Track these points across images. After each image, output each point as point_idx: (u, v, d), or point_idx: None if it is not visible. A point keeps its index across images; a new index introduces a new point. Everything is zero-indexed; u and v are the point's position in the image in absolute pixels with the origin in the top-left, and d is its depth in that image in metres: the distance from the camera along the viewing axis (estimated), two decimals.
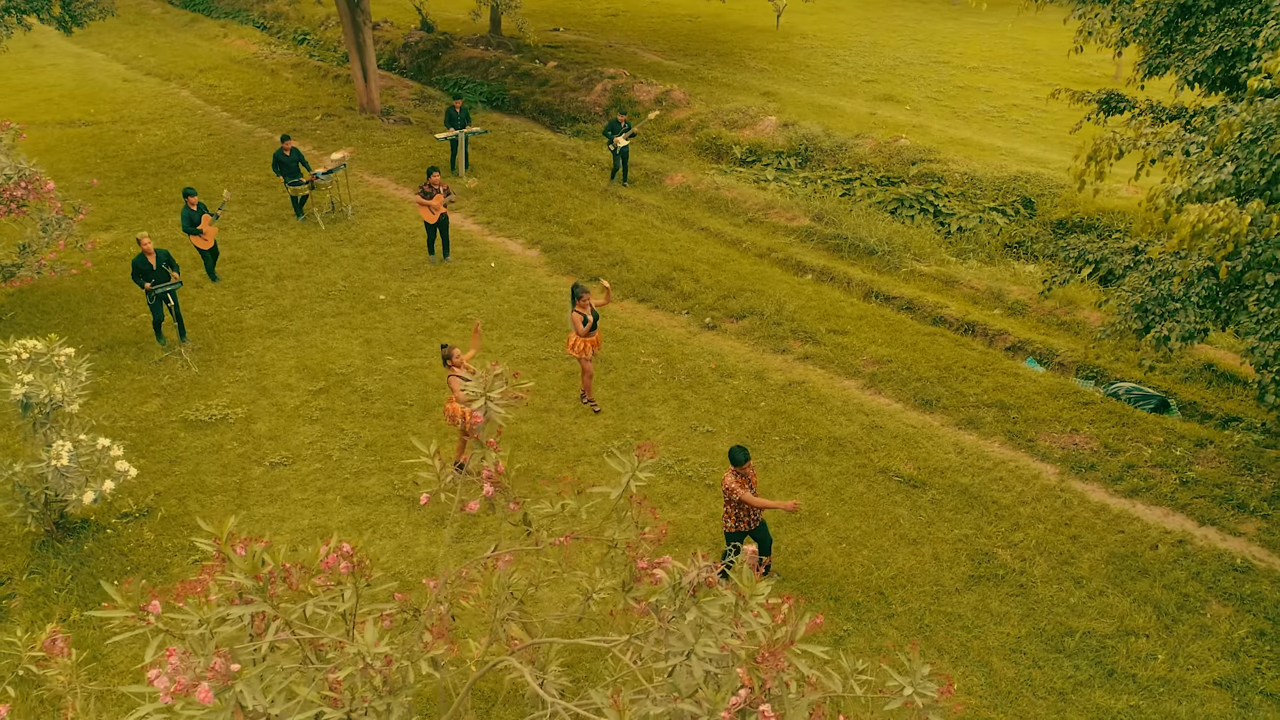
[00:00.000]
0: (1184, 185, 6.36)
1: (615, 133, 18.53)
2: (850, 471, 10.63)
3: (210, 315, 14.19)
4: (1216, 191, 6.12)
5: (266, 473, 10.73)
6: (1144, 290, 8.45)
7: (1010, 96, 25.32)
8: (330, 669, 2.87)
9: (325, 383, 12.42)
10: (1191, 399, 11.96)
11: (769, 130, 21.52)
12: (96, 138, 22.28)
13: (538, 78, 26.98)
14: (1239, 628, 8.51)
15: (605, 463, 10.71)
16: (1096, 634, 8.48)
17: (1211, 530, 9.74)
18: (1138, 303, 8.41)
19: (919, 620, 8.66)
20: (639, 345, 13.27)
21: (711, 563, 3.60)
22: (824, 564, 9.30)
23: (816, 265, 15.65)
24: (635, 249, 16.13)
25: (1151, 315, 8.31)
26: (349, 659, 2.88)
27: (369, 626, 3.13)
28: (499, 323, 13.92)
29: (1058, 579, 9.12)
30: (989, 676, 8.09)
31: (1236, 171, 6.08)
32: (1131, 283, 8.71)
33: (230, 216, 17.72)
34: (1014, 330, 13.64)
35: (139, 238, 12.61)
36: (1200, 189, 6.17)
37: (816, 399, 11.99)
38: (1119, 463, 10.69)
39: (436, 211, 15.30)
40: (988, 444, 11.15)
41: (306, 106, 24.52)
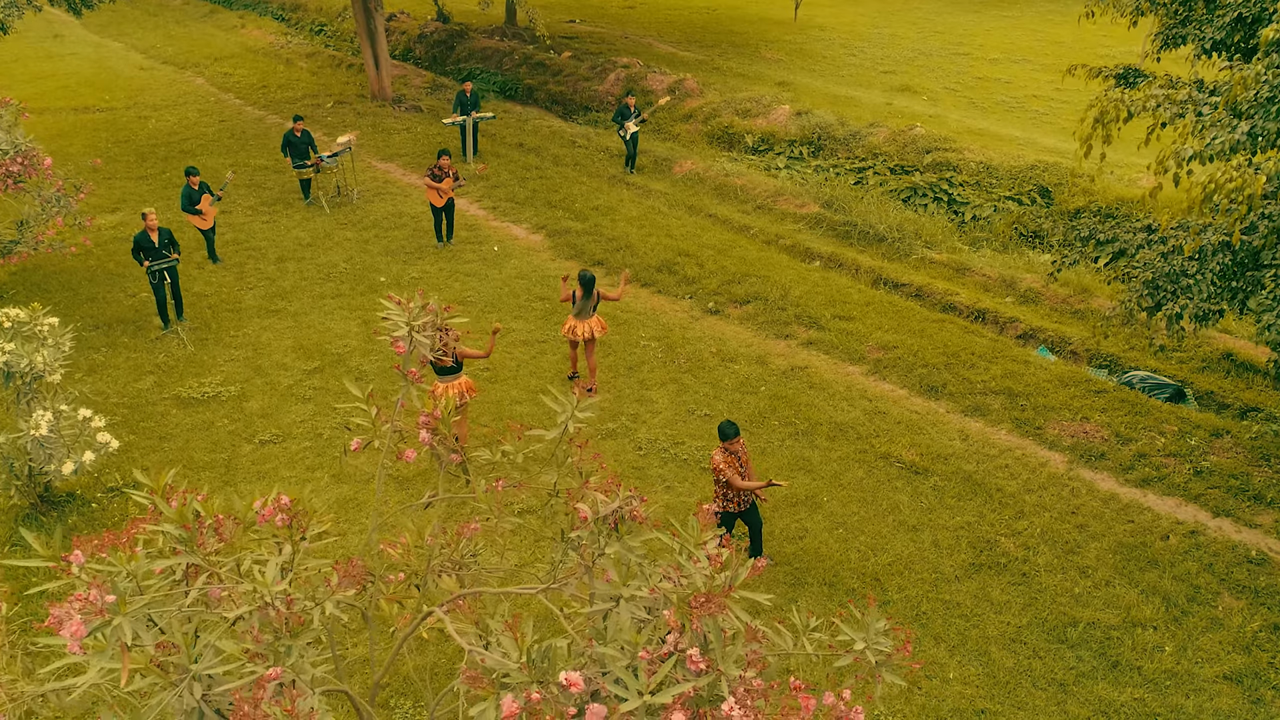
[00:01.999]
0: (1196, 147, 6.03)
1: (625, 118, 18.30)
2: (850, 457, 10.33)
3: (210, 295, 14.09)
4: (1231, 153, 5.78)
5: (255, 450, 10.58)
6: (1155, 266, 8.09)
7: (1030, 88, 24.85)
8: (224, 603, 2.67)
9: (320, 362, 12.27)
10: (1208, 388, 11.55)
11: (782, 119, 21.21)
12: (110, 123, 22.34)
13: (551, 68, 26.80)
14: (1252, 621, 8.14)
15: (599, 446, 10.48)
16: (1101, 625, 8.13)
17: (1226, 521, 9.35)
18: (1148, 279, 8.04)
19: (915, 608, 8.35)
20: (639, 329, 13.02)
21: (639, 495, 3.34)
22: (819, 549, 9.01)
23: (825, 252, 15.34)
24: (640, 234, 15.88)
25: (1163, 292, 7.93)
26: (247, 597, 2.67)
27: (270, 564, 2.91)
28: (499, 306, 13.72)
29: (1062, 568, 8.77)
30: (987, 666, 7.77)
31: (1252, 131, 5.74)
32: (1142, 259, 8.34)
33: (237, 200, 17.66)
34: (1026, 318, 13.26)
35: (144, 212, 12.52)
36: (1213, 150, 5.84)
37: (819, 384, 11.69)
38: (1130, 452, 10.32)
39: (445, 195, 15.13)
40: (994, 431, 10.81)
41: (319, 94, 24.49)
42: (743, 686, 2.62)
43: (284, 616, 2.74)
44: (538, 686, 2.32)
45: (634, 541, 3.07)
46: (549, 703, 2.31)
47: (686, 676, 2.60)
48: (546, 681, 2.34)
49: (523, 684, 2.36)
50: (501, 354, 12.46)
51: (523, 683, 2.36)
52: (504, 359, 12.32)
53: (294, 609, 2.78)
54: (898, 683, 3.10)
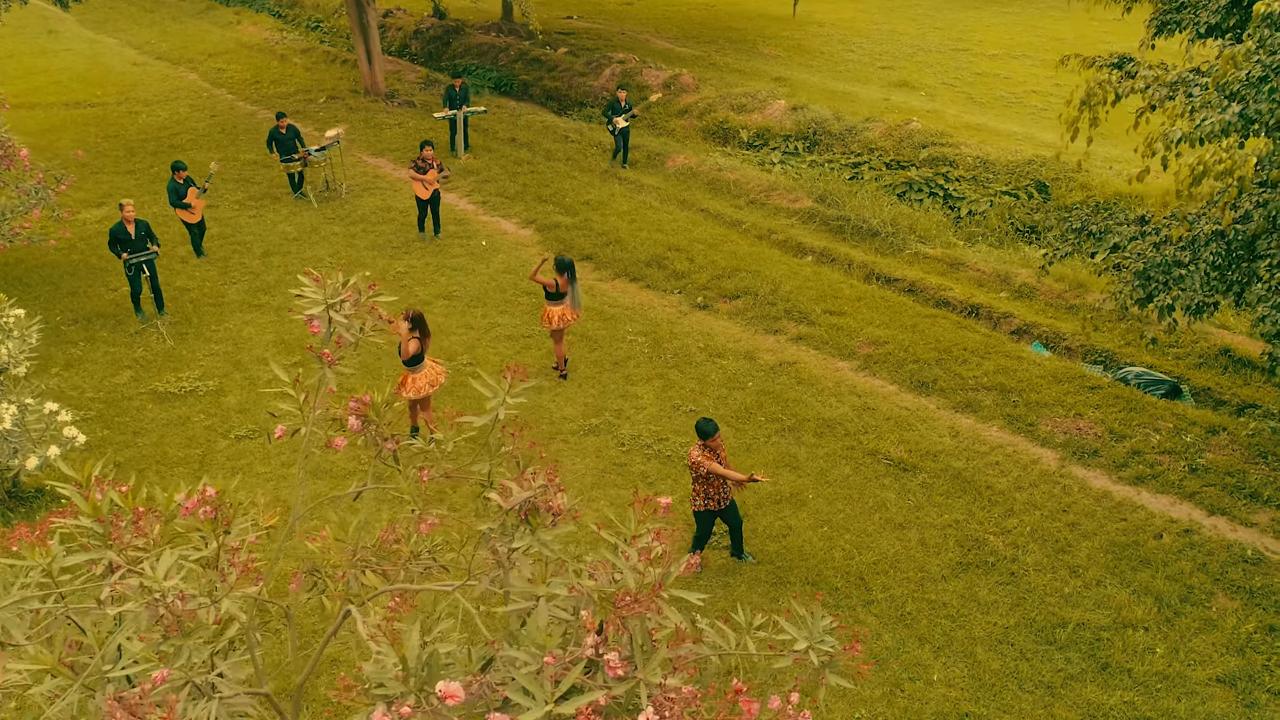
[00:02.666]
0: (1185, 129, 5.80)
1: (615, 113, 18.09)
2: (837, 454, 10.10)
3: (192, 290, 13.90)
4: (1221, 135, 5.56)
5: (231, 446, 10.39)
6: (1146, 257, 7.85)
7: (1030, 83, 24.58)
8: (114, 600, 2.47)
9: (301, 357, 12.06)
10: (1205, 385, 11.30)
11: (777, 114, 20.98)
12: (100, 118, 22.18)
13: (547, 64, 26.60)
14: (1247, 622, 7.90)
15: (581, 442, 10.29)
16: (1091, 626, 7.90)
17: (1221, 520, 9.11)
18: (1139, 270, 7.80)
19: (900, 608, 8.12)
20: (626, 324, 12.81)
21: (558, 483, 3.11)
22: (803, 548, 8.78)
23: (817, 247, 15.11)
24: (630, 229, 15.67)
25: (1155, 283, 7.70)
26: (136, 593, 2.46)
27: (164, 557, 2.71)
28: (485, 300, 13.51)
29: (1052, 568, 8.54)
30: (972, 668, 7.54)
31: (1244, 113, 5.51)
32: (1134, 249, 8.10)
33: (224, 194, 17.48)
34: (1020, 313, 13.02)
35: (121, 204, 12.33)
36: (1203, 131, 5.61)
37: (807, 380, 11.46)
38: (1124, 449, 10.08)
39: (430, 187, 14.93)
40: (985, 428, 10.57)
41: (312, 89, 24.31)
42: (665, 694, 2.40)
43: (178, 614, 2.53)
44: (415, 698, 2.11)
45: (547, 535, 2.85)
46: (427, 716, 2.09)
47: (608, 683, 2.39)
48: (426, 692, 2.13)
49: (399, 695, 2.15)
50: (486, 349, 12.26)
51: (399, 693, 2.15)
52: (488, 354, 12.12)
53: (187, 606, 2.57)
54: (843, 684, 2.87)
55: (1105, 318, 12.69)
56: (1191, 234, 7.34)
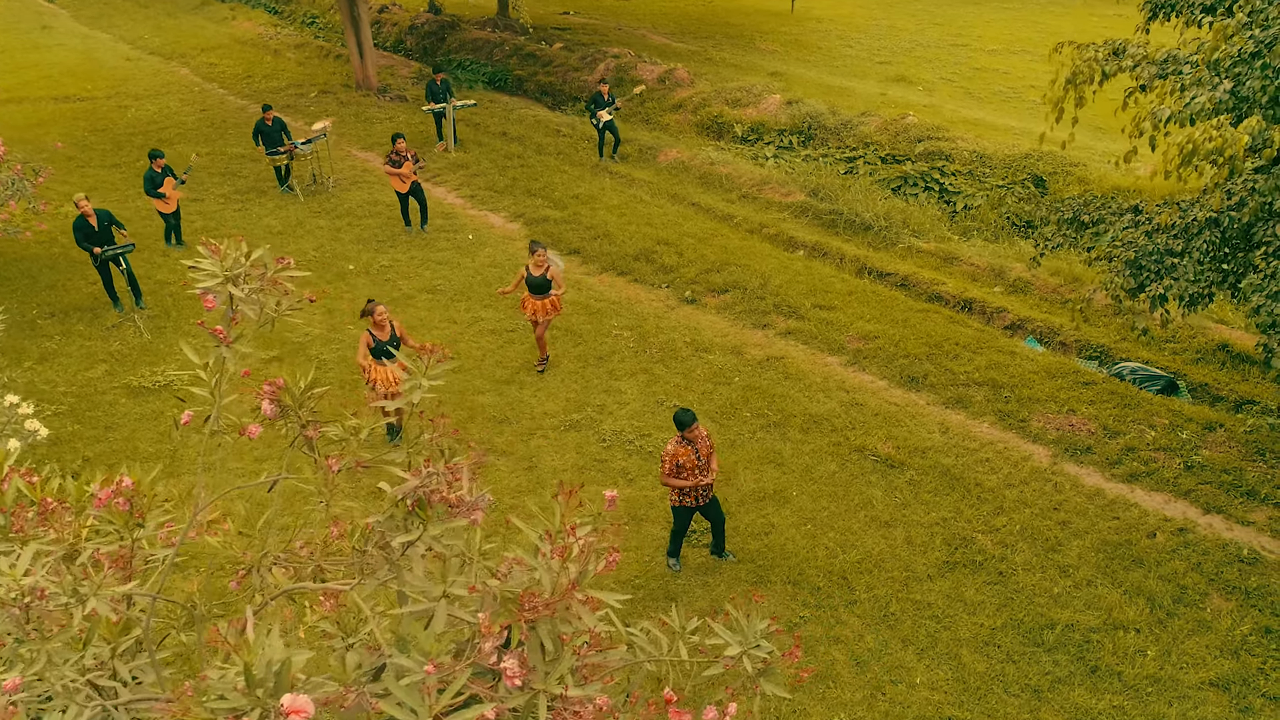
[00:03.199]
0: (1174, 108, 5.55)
1: (598, 106, 17.84)
2: (823, 450, 9.85)
3: (172, 283, 13.68)
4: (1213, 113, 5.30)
5: (204, 441, 10.13)
6: (1138, 245, 7.58)
7: (1029, 78, 24.28)
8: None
9: (280, 351, 11.84)
10: (1203, 380, 11.04)
11: (772, 109, 20.72)
12: (89, 112, 21.98)
13: (542, 59, 26.37)
14: (1242, 624, 7.64)
15: (562, 437, 10.06)
16: (1080, 627, 7.64)
17: (1217, 518, 8.85)
18: (1130, 259, 7.54)
19: (883, 608, 7.87)
20: (612, 318, 12.57)
21: (466, 472, 2.86)
22: (785, 546, 8.54)
23: (809, 241, 14.85)
24: (620, 223, 15.43)
25: (1146, 273, 7.43)
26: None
27: (26, 551, 2.47)
28: (469, 294, 13.28)
29: (1041, 567, 8.28)
30: (957, 670, 7.29)
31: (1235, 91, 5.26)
32: (1126, 238, 7.84)
33: (209, 188, 17.28)
34: (1014, 308, 12.76)
35: (76, 200, 12.09)
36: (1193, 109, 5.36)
37: (795, 375, 11.21)
38: (1118, 445, 9.82)
39: (408, 180, 14.70)
40: (976, 424, 10.32)
41: (303, 84, 24.09)
42: (570, 706, 2.16)
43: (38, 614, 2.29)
44: (259, 712, 1.87)
45: (436, 529, 2.60)
46: None
47: (508, 695, 2.15)
48: (270, 709, 1.89)
49: (238, 709, 1.91)
50: (468, 343, 12.02)
51: (238, 708, 1.91)
52: (470, 348, 11.88)
53: (49, 607, 2.33)
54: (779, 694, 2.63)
55: (1100, 312, 12.44)
56: (1184, 221, 7.08)
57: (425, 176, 17.94)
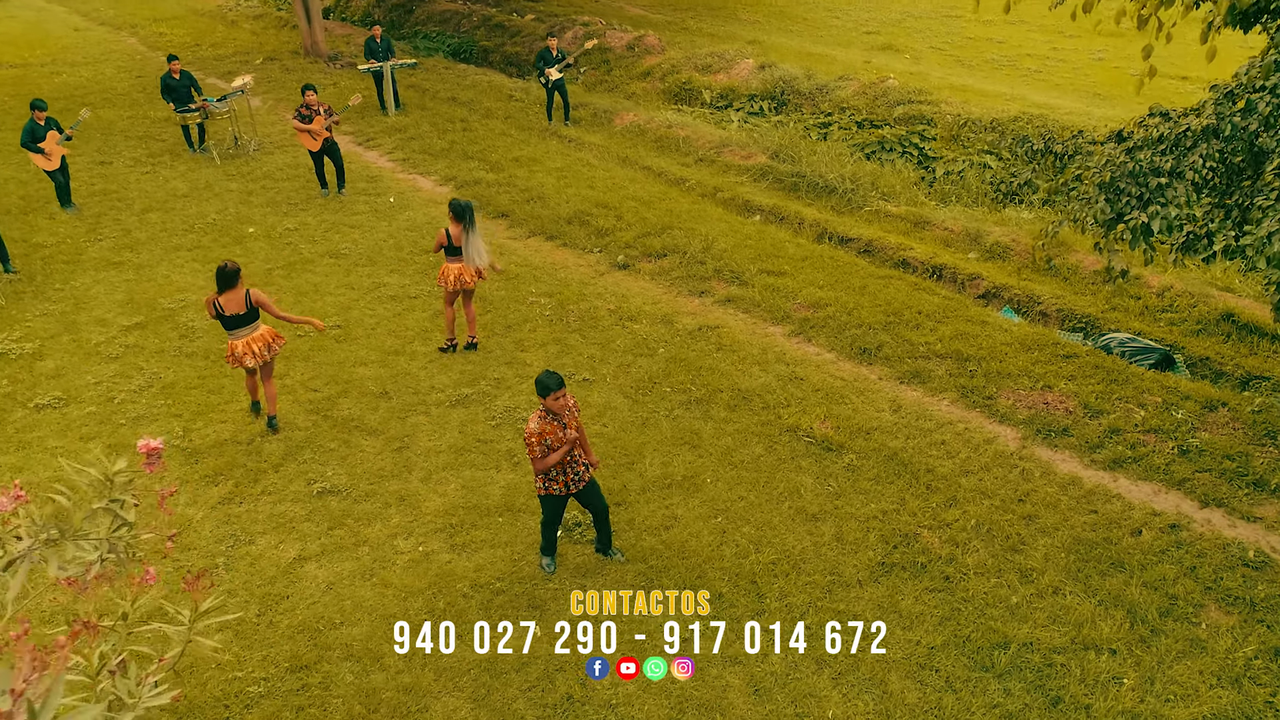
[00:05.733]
0: None
1: (546, 64, 16.35)
2: (750, 430, 8.32)
3: (49, 246, 12.26)
4: None
5: (28, 416, 8.71)
6: (1115, 163, 6.01)
7: (1025, 47, 22.70)
8: None
9: (145, 318, 10.39)
10: (1203, 354, 9.46)
11: (744, 74, 19.18)
12: (17, 79, 20.65)
13: (510, 29, 24.92)
14: (1245, 644, 6.07)
15: (446, 415, 8.56)
16: (1041, 646, 6.09)
17: (1216, 513, 7.27)
18: (1104, 181, 5.96)
19: (798, 617, 6.33)
20: (530, 284, 11.07)
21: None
22: (687, 543, 7.01)
23: (767, 205, 13.31)
24: (558, 185, 13.92)
25: (1126, 197, 5.86)
26: None
27: None
28: (376, 259, 11.80)
29: (998, 570, 6.73)
30: (881, 701, 5.75)
31: None
32: (1100, 155, 6.27)
33: (121, 150, 15.89)
34: (990, 275, 11.19)
35: None
36: None
37: (729, 346, 9.69)
38: (1100, 427, 8.25)
39: (319, 137, 13.23)
40: (933, 401, 8.77)
41: (251, 51, 22.71)
42: None
43: None
44: None
45: None
46: None
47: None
48: None
49: None
50: (362, 310, 10.55)
51: None
52: (363, 315, 10.41)
53: None
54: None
55: (1087, 279, 10.87)
56: (1175, 131, 5.52)
57: (360, 140, 16.51)
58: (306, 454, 8.14)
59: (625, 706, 5.74)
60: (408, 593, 6.61)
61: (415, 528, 7.26)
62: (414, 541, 7.12)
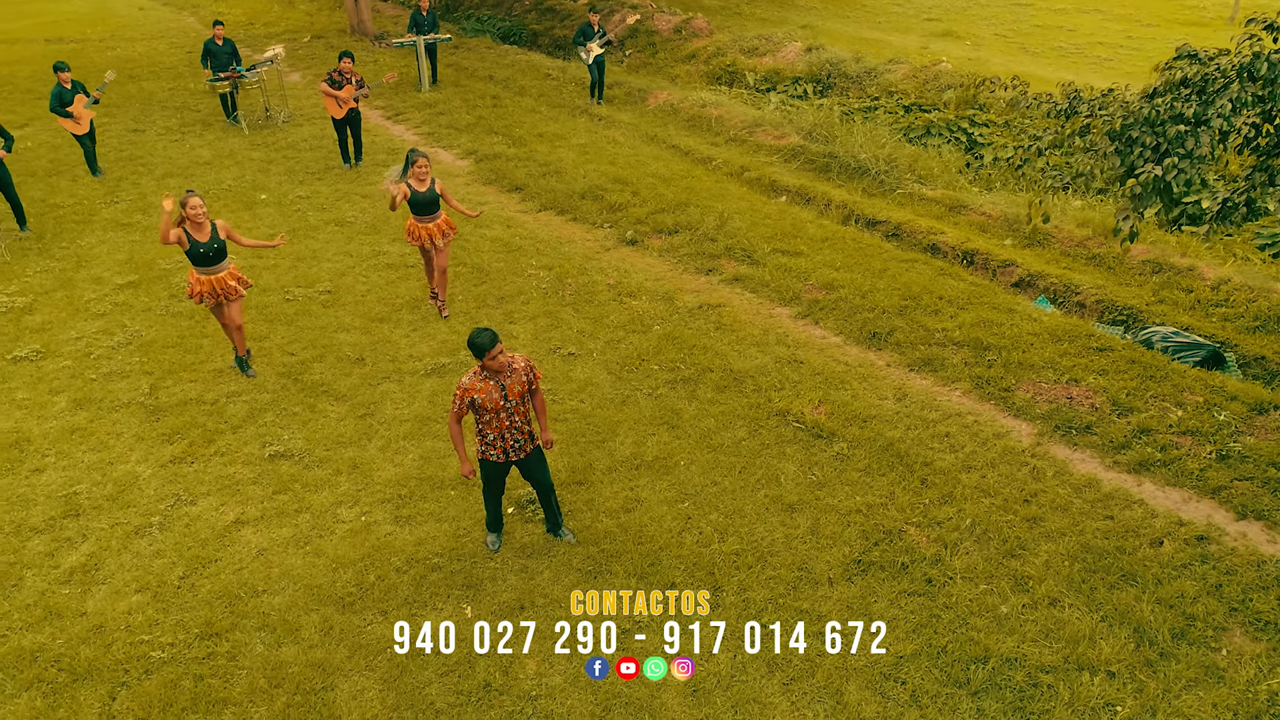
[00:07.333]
0: None
1: (586, 38, 15.87)
2: (735, 413, 7.68)
3: (66, 207, 12.27)
4: None
5: (3, 368, 8.56)
6: (1129, 108, 5.19)
7: (1096, 35, 21.41)
8: None
9: (139, 277, 10.24)
10: (1259, 353, 8.47)
11: (790, 56, 18.44)
12: (74, 52, 21.04)
13: (561, 13, 24.58)
14: (1271, 675, 5.22)
15: (419, 384, 8.14)
16: (1027, 664, 5.34)
17: (1254, 526, 6.38)
18: (1114, 129, 5.15)
19: (754, 615, 5.69)
20: (531, 257, 10.59)
21: None
22: (646, 527, 6.42)
23: (794, 185, 12.59)
24: (578, 160, 13.43)
25: (1138, 147, 5.05)
26: None
27: None
28: (380, 228, 11.48)
29: (989, 576, 5.98)
30: (834, 712, 5.08)
31: None
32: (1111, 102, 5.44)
33: (157, 119, 15.96)
34: (1025, 262, 10.30)
35: None
36: None
37: (729, 325, 9.05)
38: (1128, 426, 7.38)
39: (345, 105, 12.99)
40: (944, 391, 8.00)
41: (300, 30, 22.80)
42: None
43: None
44: None
45: None
46: None
47: None
48: None
49: None
50: (356, 277, 10.22)
51: None
52: (354, 282, 10.07)
53: None
54: None
55: (1134, 269, 9.92)
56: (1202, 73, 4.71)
57: (390, 115, 16.30)
58: (269, 416, 7.79)
59: (546, 699, 5.19)
60: (339, 564, 6.18)
61: (362, 496, 6.83)
62: (358, 510, 6.69)
